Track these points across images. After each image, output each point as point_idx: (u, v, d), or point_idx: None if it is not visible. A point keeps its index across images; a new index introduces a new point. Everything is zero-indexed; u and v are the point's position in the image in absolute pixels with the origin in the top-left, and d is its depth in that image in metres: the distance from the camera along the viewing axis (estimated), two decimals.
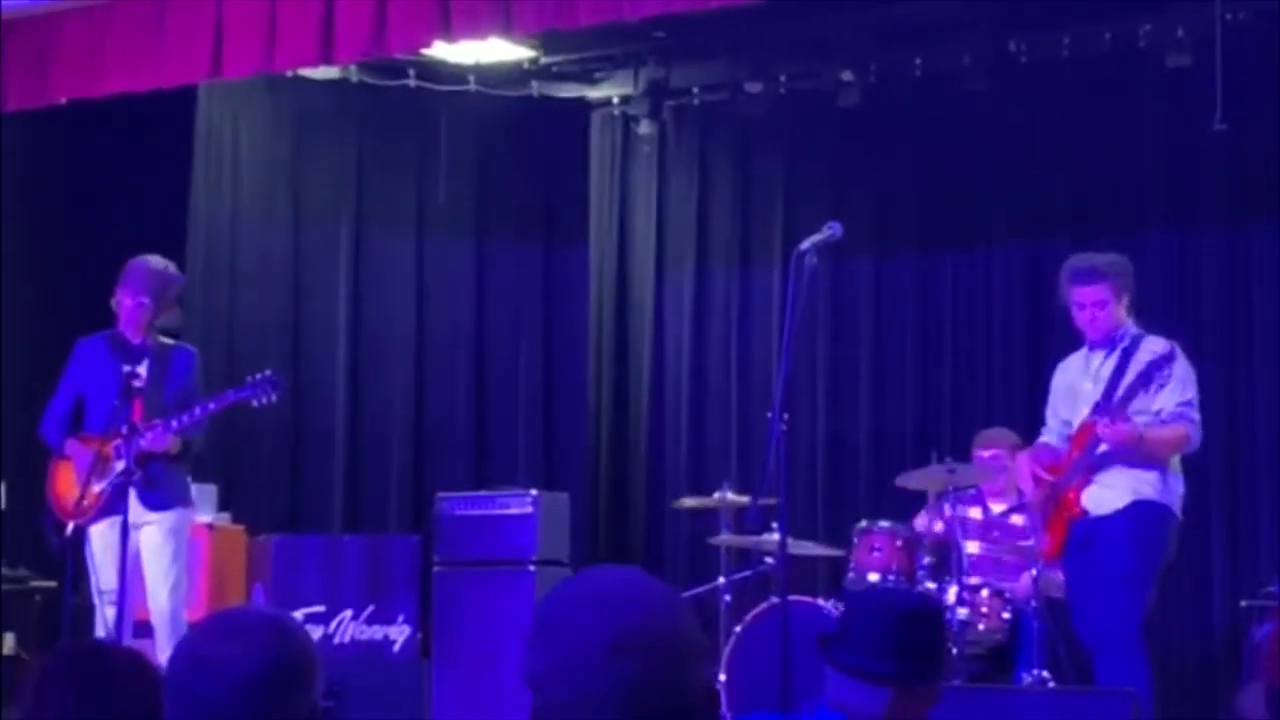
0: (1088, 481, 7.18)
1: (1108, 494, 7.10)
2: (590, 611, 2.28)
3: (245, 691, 2.62)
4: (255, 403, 7.65)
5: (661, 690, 2.22)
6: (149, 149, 9.74)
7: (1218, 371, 9.55)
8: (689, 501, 9.25)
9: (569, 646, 2.26)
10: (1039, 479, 7.36)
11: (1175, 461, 7.18)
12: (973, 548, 8.27)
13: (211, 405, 7.62)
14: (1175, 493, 7.14)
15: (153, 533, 7.59)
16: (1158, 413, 7.06)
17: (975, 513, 8.57)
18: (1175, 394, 7.09)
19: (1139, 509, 7.06)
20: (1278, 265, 9.61)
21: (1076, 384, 7.33)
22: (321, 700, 2.75)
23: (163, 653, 6.93)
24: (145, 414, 7.47)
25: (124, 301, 7.68)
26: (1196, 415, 7.13)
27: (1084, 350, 7.42)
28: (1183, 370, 7.11)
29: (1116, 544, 7.11)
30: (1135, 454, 7.09)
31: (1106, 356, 7.26)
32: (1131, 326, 7.27)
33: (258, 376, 7.64)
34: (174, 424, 7.51)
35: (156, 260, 7.76)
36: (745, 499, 8.44)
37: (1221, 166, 9.62)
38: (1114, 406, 7.10)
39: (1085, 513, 7.17)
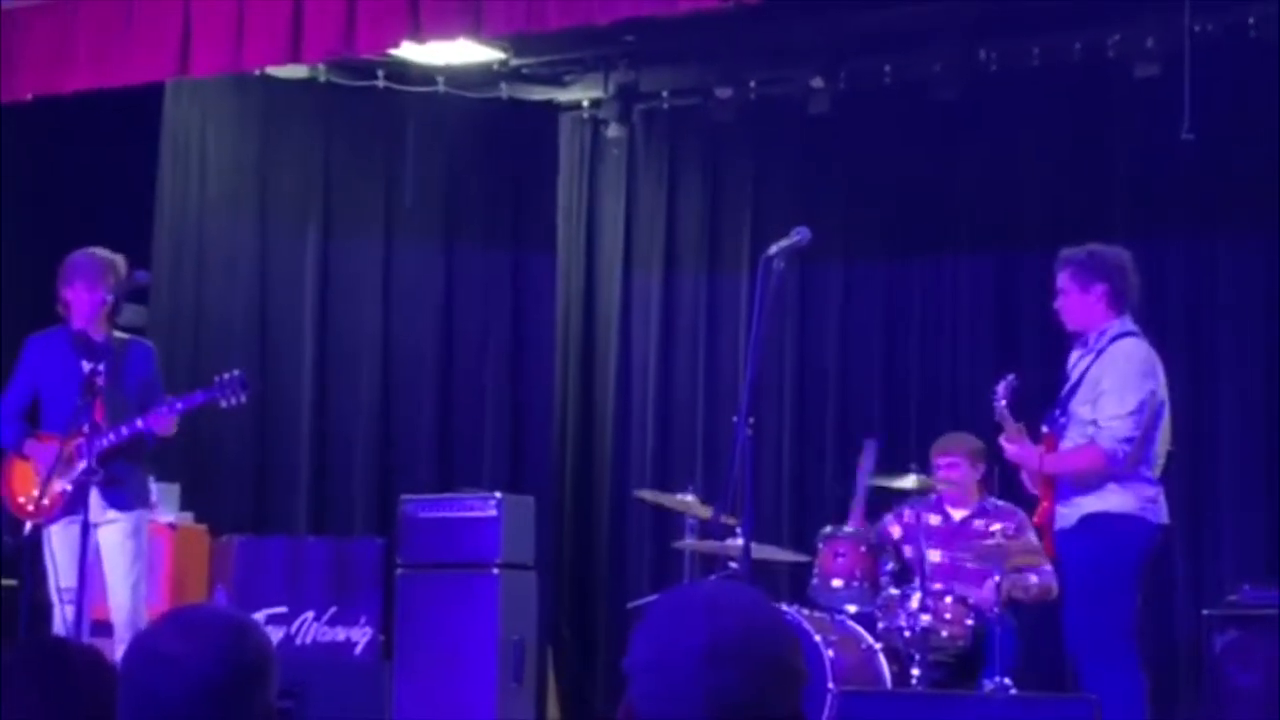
0: (1050, 492, 7.17)
1: (1065, 510, 7.08)
2: (693, 615, 2.32)
3: (200, 690, 2.60)
4: (224, 403, 7.59)
5: (751, 706, 2.26)
6: (115, 146, 9.70)
7: (1182, 381, 9.58)
8: (650, 495, 9.22)
9: (667, 644, 2.31)
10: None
11: (1144, 467, 7.09)
12: (934, 555, 8.28)
13: (180, 404, 7.56)
14: (1140, 497, 7.01)
15: (114, 532, 7.55)
16: (1094, 421, 6.99)
17: (935, 519, 8.58)
18: (1109, 406, 6.96)
19: (1091, 523, 7.00)
20: (1244, 275, 9.66)
21: (1068, 378, 7.25)
22: (278, 701, 2.74)
23: (122, 651, 6.89)
24: (106, 413, 7.42)
25: (80, 297, 7.59)
26: (1126, 431, 6.93)
27: None
28: (1128, 379, 6.98)
29: (1074, 560, 7.13)
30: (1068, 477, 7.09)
31: (1082, 355, 7.20)
32: (1117, 325, 7.11)
33: (226, 376, 7.58)
34: (179, 405, 7.47)
35: (105, 253, 7.66)
36: (709, 511, 8.43)
37: (1189, 176, 9.65)
38: (1016, 425, 7.11)
39: (1056, 524, 7.16)
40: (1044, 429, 7.20)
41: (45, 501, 7.47)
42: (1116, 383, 6.95)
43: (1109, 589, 6.93)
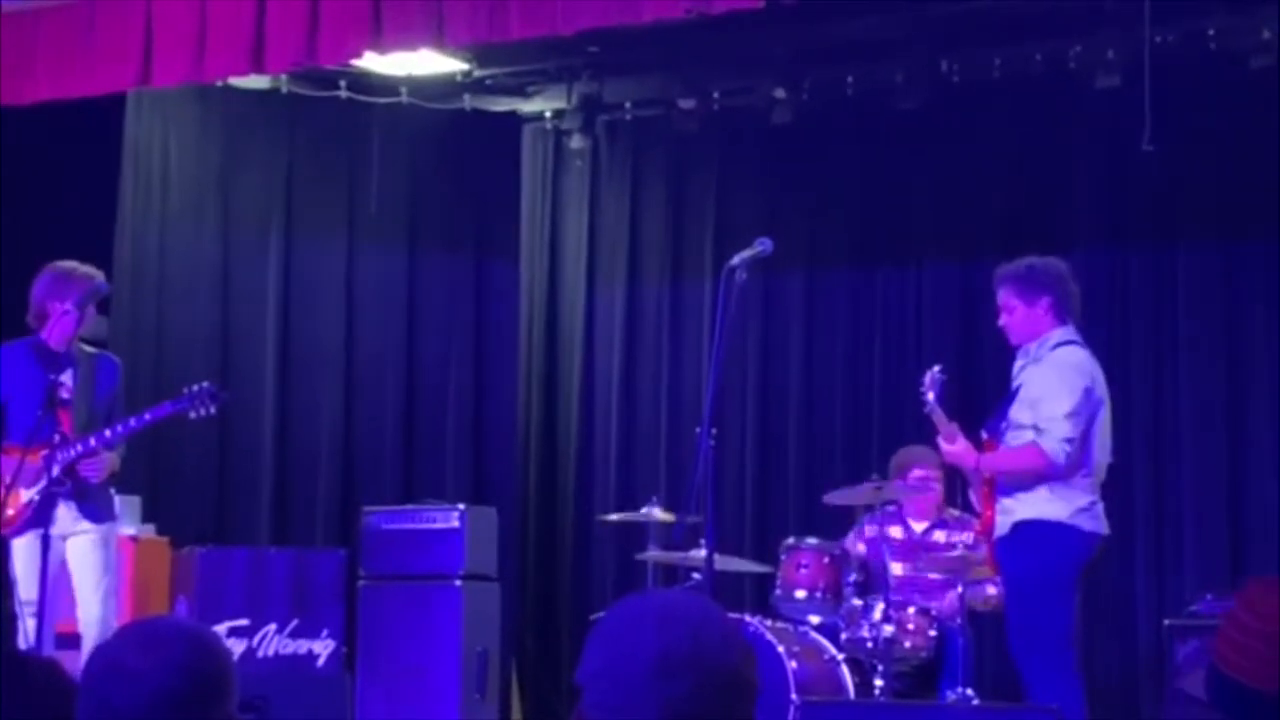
0: (993, 500, 7.18)
1: (1001, 518, 7.10)
2: (644, 627, 2.33)
3: (160, 702, 2.60)
4: (193, 414, 7.56)
5: (703, 716, 2.28)
6: (77, 156, 9.65)
7: (1143, 390, 9.64)
8: (615, 517, 9.22)
9: (618, 656, 2.32)
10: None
11: (1080, 474, 7.04)
12: (896, 569, 8.30)
13: (148, 416, 7.54)
14: (1071, 506, 6.97)
15: (83, 543, 7.52)
16: (1034, 426, 7.00)
17: (896, 531, 8.61)
18: (1047, 409, 6.95)
19: (1022, 531, 7.01)
20: (1204, 284, 9.70)
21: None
22: (239, 714, 2.73)
23: None
24: (73, 424, 7.40)
25: (70, 314, 7.55)
26: (1066, 432, 6.91)
27: None
28: (1062, 381, 6.98)
29: (1009, 568, 7.15)
30: (1004, 477, 7.10)
31: (1024, 365, 7.21)
32: (1058, 334, 7.11)
33: (195, 388, 7.55)
34: (108, 435, 7.44)
35: (74, 266, 7.65)
36: (673, 515, 8.43)
37: (1150, 186, 9.69)
38: (949, 422, 7.12)
39: (994, 531, 7.18)
40: (984, 435, 7.21)
41: (10, 513, 7.44)
42: (1052, 387, 6.98)
43: (1041, 597, 6.94)
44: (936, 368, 7.31)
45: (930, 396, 7.20)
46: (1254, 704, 2.53)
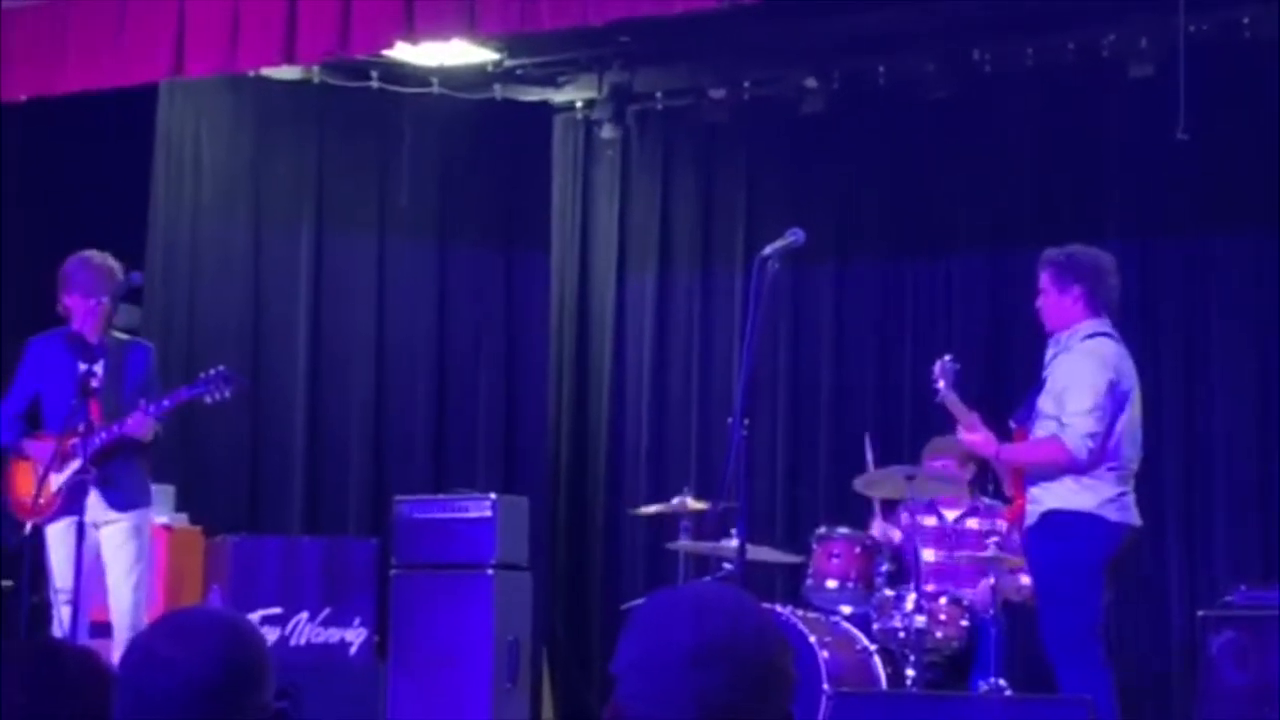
0: (1023, 489, 7.14)
1: (1030, 507, 7.06)
2: (680, 617, 2.33)
3: (196, 692, 2.61)
4: (209, 398, 7.57)
5: (738, 706, 2.26)
6: (109, 147, 9.69)
7: (1176, 380, 9.60)
8: (648, 509, 9.21)
9: (654, 647, 2.31)
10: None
11: (1107, 465, 6.97)
12: (929, 555, 8.29)
13: (166, 402, 7.57)
14: (1098, 497, 6.92)
15: (115, 533, 7.56)
16: (1057, 418, 6.96)
17: (930, 520, 8.58)
18: (1070, 402, 6.89)
19: (1050, 520, 6.95)
20: (1239, 275, 9.66)
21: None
22: (273, 702, 2.74)
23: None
24: (102, 413, 7.44)
25: (78, 304, 7.59)
26: (1089, 427, 6.86)
27: None
28: (1088, 374, 6.94)
29: (1036, 559, 7.12)
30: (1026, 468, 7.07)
31: (1054, 354, 7.16)
32: (1089, 325, 7.04)
33: (211, 372, 7.58)
34: (151, 409, 7.47)
35: (99, 258, 7.67)
36: (704, 505, 8.43)
37: (1183, 176, 9.65)
38: (967, 411, 7.10)
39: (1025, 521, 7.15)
40: (1012, 425, 7.19)
41: (41, 501, 7.49)
42: (1076, 380, 6.92)
43: (1070, 589, 6.90)
44: (947, 357, 7.28)
45: (941, 385, 7.18)
46: None
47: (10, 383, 7.80)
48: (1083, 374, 6.94)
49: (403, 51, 9.63)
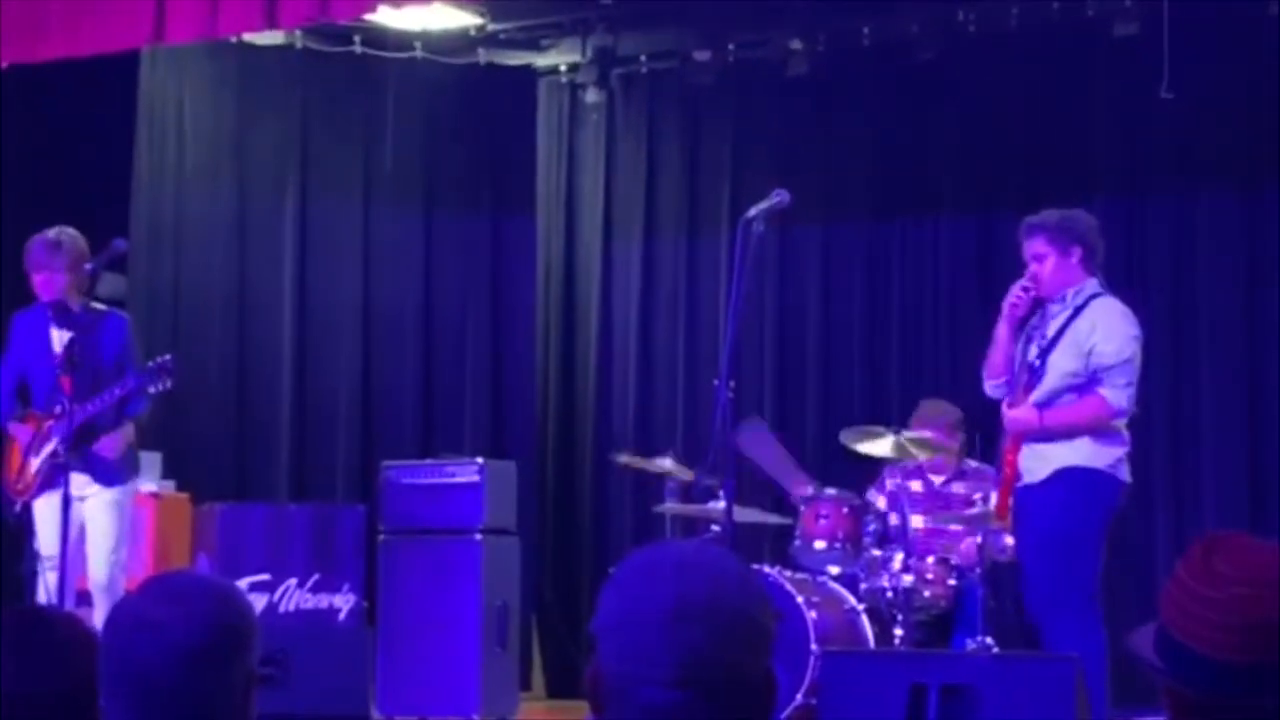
0: (1019, 446, 7.09)
1: (1037, 463, 7.02)
2: (660, 575, 2.30)
3: (182, 656, 2.60)
4: (152, 389, 7.57)
5: (721, 664, 2.25)
6: (91, 114, 9.64)
7: (1163, 338, 9.61)
8: (627, 458, 9.17)
9: (634, 604, 2.29)
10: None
11: (1118, 422, 7.08)
12: (917, 521, 8.29)
13: (118, 390, 7.55)
14: (1112, 455, 6.95)
15: (94, 506, 7.61)
16: (1092, 373, 6.95)
17: (916, 485, 8.59)
18: (1108, 356, 6.90)
19: (1066, 476, 6.92)
20: (1223, 233, 9.67)
21: (1033, 333, 7.19)
22: (260, 668, 2.74)
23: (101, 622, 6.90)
24: (79, 385, 7.42)
25: (42, 281, 7.58)
26: (1126, 376, 6.91)
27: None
28: (1123, 330, 6.97)
29: (1046, 513, 7.00)
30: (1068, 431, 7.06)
31: (1060, 310, 7.13)
32: (1093, 284, 7.05)
33: (153, 363, 7.57)
34: (116, 391, 7.48)
35: (54, 233, 7.60)
36: (683, 469, 8.44)
37: (1168, 134, 9.66)
38: (1016, 388, 7.07)
39: (1021, 478, 7.09)
40: (1004, 393, 7.14)
41: (20, 486, 7.62)
42: (1112, 333, 6.94)
43: (1079, 544, 6.88)
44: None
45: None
46: (1212, 672, 2.47)
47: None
48: (1117, 327, 6.97)
49: (385, 16, 9.62)
